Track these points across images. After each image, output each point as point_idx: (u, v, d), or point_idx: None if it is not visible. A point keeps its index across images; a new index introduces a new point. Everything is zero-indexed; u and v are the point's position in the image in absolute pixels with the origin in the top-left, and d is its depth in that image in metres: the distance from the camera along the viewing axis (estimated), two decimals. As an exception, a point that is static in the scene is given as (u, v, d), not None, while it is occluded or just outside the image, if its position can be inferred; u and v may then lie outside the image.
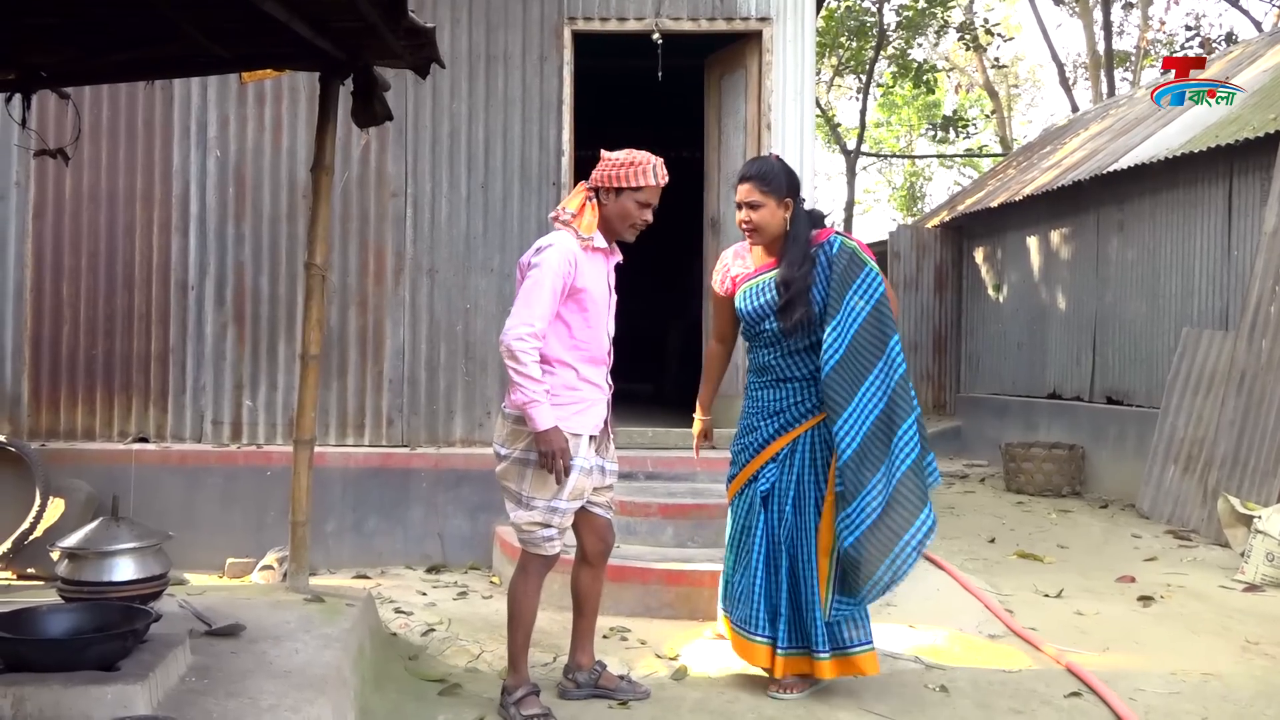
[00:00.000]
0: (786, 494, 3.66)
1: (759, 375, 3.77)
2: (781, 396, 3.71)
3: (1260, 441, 6.45)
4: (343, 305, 5.86)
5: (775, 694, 3.65)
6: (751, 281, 3.74)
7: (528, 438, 3.26)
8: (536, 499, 3.31)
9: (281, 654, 3.04)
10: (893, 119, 28.08)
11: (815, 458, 3.64)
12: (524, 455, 3.30)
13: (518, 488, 3.33)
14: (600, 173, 3.41)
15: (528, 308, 3.22)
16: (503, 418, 3.37)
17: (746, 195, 3.69)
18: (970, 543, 6.45)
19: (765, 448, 3.70)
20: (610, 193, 3.40)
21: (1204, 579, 5.50)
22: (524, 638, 3.42)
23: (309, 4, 3.17)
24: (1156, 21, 20.62)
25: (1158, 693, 3.70)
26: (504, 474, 3.37)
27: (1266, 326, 6.62)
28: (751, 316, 3.72)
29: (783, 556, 3.65)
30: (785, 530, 3.64)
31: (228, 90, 5.86)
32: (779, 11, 5.88)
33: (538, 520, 3.32)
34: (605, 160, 3.42)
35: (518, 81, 5.88)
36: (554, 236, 3.35)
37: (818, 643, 3.58)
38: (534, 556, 3.39)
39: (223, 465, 5.75)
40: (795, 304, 3.59)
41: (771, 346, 3.70)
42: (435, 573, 5.51)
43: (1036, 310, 10.38)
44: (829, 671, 3.58)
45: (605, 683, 3.59)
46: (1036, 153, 13.37)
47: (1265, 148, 7.02)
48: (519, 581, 3.42)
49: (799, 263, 3.62)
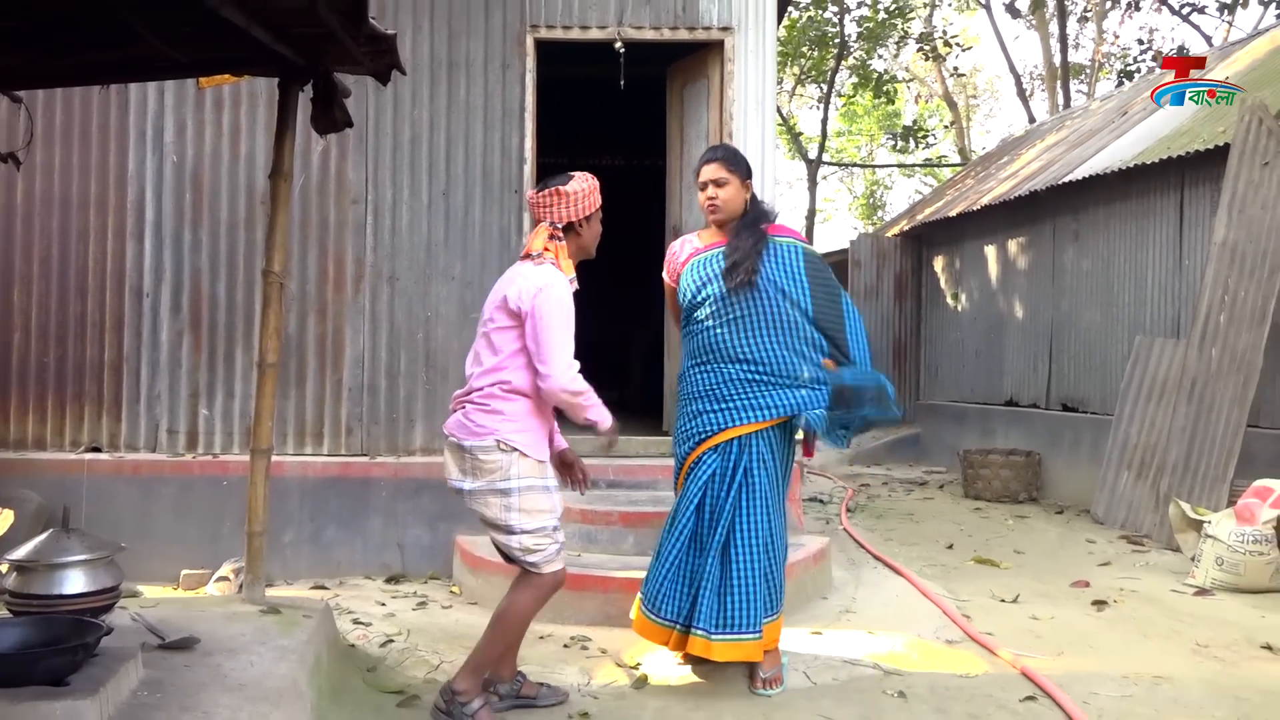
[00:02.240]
0: (725, 480, 3.72)
1: (697, 357, 3.83)
2: (724, 380, 3.75)
3: (1210, 448, 6.58)
4: (302, 313, 5.81)
5: (760, 690, 3.72)
6: (700, 256, 3.85)
7: (500, 469, 3.27)
8: (535, 523, 3.31)
9: (236, 667, 3.01)
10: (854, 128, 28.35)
11: (759, 454, 3.72)
12: (498, 485, 3.28)
13: (504, 520, 3.30)
14: (575, 206, 3.44)
15: (563, 350, 3.27)
16: (461, 451, 3.32)
17: (714, 173, 3.82)
18: (929, 549, 6.51)
19: (710, 436, 3.75)
20: (583, 222, 3.47)
21: (1156, 583, 5.60)
22: (501, 653, 3.43)
23: (268, 10, 3.14)
24: (1111, 35, 21.07)
25: (1110, 696, 3.76)
26: (483, 506, 3.33)
27: (1216, 335, 6.76)
28: (695, 284, 3.80)
29: (711, 538, 3.70)
30: (721, 514, 3.70)
31: (185, 95, 5.80)
32: (740, 21, 5.92)
33: (546, 538, 3.33)
34: (571, 194, 3.43)
35: (479, 89, 5.87)
36: (546, 274, 3.33)
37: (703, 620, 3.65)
38: (550, 576, 3.36)
39: (178, 475, 5.67)
40: (740, 264, 3.72)
41: (713, 316, 3.76)
42: (395, 583, 5.47)
43: (994, 318, 10.52)
44: (718, 654, 3.66)
45: (526, 692, 3.61)
46: (994, 163, 13.56)
47: (1215, 160, 7.17)
48: (529, 600, 3.36)
49: (750, 234, 3.79)
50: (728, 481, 3.73)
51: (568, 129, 9.13)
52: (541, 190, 3.46)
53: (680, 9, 5.90)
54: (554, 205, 3.43)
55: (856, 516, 7.73)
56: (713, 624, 3.66)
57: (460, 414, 3.37)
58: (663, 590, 3.78)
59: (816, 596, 5.03)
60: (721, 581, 3.69)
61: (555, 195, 3.42)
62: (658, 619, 3.79)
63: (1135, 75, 17.43)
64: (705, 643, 3.66)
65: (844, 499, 8.43)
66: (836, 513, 7.70)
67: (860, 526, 7.15)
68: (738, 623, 3.67)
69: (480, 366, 3.37)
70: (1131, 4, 19.02)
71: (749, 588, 3.68)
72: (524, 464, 3.30)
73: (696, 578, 3.73)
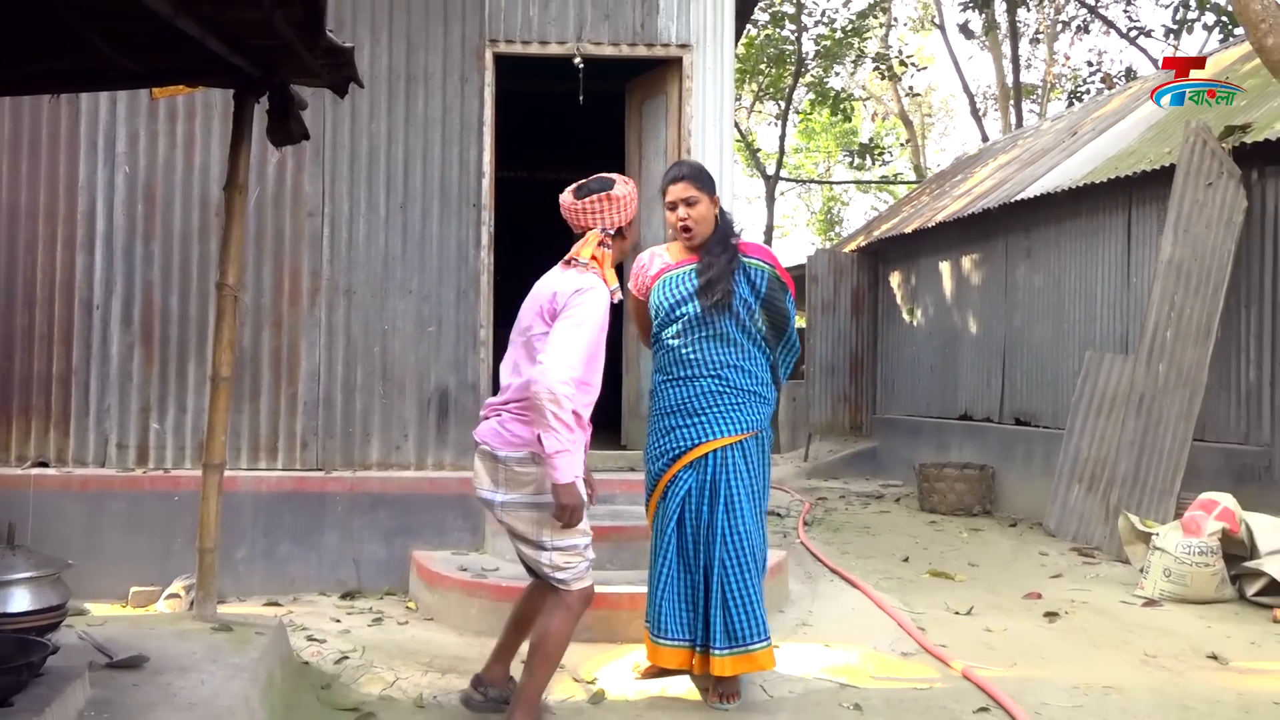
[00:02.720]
0: (703, 494, 3.74)
1: (669, 372, 3.83)
2: (696, 394, 3.76)
3: (1157, 461, 6.71)
4: (256, 326, 5.74)
5: (717, 705, 3.71)
6: (671, 273, 3.84)
7: (533, 481, 3.19)
8: (566, 539, 3.24)
9: (187, 685, 2.96)
10: (811, 145, 28.67)
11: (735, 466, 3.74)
12: (532, 499, 3.22)
13: (535, 535, 3.23)
14: (625, 210, 3.42)
15: (573, 354, 3.13)
16: (495, 460, 3.23)
17: (684, 192, 3.77)
18: (885, 562, 6.57)
19: (686, 452, 3.76)
20: (629, 225, 3.47)
21: (1106, 595, 5.69)
22: (548, 679, 3.34)
23: (224, 21, 3.12)
24: (1061, 57, 21.52)
25: (1061, 706, 3.81)
26: (514, 519, 3.24)
27: (1163, 351, 6.91)
28: (669, 302, 3.80)
29: (699, 555, 3.71)
30: (704, 528, 3.72)
31: (138, 105, 5.72)
32: (699, 38, 5.97)
33: (577, 555, 3.26)
34: (620, 199, 3.40)
35: (438, 102, 5.86)
36: (590, 280, 3.27)
37: (718, 640, 3.66)
38: (578, 594, 3.29)
39: (127, 490, 5.57)
40: (716, 284, 3.72)
41: (686, 334, 3.77)
42: (350, 599, 5.41)
43: (949, 334, 10.67)
44: (729, 668, 3.67)
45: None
46: (949, 181, 13.77)
47: (1161, 179, 7.34)
48: (562, 622, 3.26)
49: (723, 251, 3.78)
50: (707, 496, 3.74)
51: (527, 143, 9.14)
52: (585, 196, 3.39)
53: (639, 26, 5.94)
54: (605, 210, 3.38)
55: (814, 530, 7.78)
56: (724, 641, 3.68)
57: (496, 422, 3.28)
58: (664, 613, 3.76)
59: (773, 610, 5.03)
60: (722, 598, 3.69)
61: (606, 200, 3.37)
62: (668, 642, 3.76)
63: (1085, 96, 17.81)
64: (721, 660, 3.67)
65: (801, 513, 8.48)
66: (794, 526, 7.74)
67: (817, 540, 7.20)
68: (745, 634, 3.69)
69: (520, 377, 3.28)
70: (1081, 27, 19.47)
71: (748, 597, 3.71)
72: None
73: (697, 595, 3.74)
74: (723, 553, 3.71)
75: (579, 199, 3.41)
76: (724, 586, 3.69)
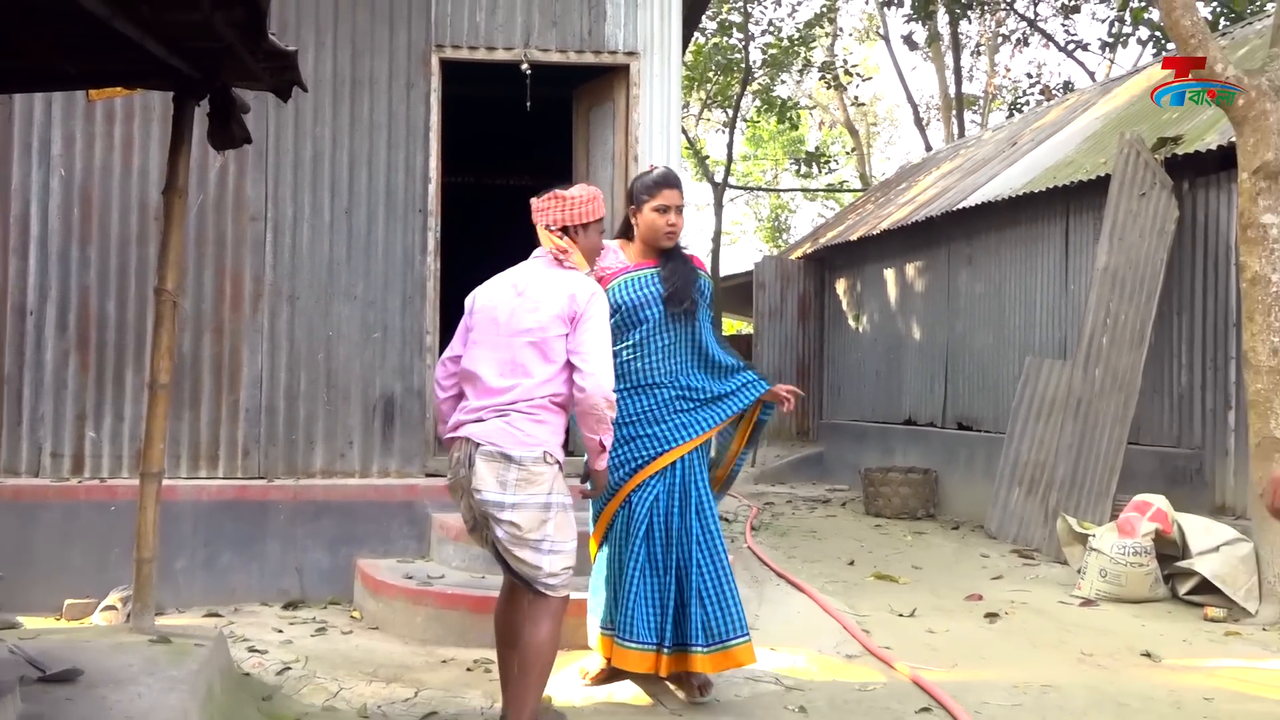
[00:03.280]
0: (672, 499, 3.79)
1: (630, 379, 3.85)
2: (659, 403, 3.83)
3: (1094, 464, 6.87)
4: (197, 332, 5.65)
5: (699, 698, 3.78)
6: (632, 274, 3.88)
7: (545, 482, 3.22)
8: (563, 543, 3.26)
9: (123, 699, 2.89)
10: (759, 153, 28.91)
11: (698, 470, 3.83)
12: (543, 500, 3.22)
13: (539, 535, 3.21)
14: (569, 211, 3.46)
15: (609, 358, 3.28)
16: (508, 461, 3.20)
17: (677, 199, 3.90)
18: (831, 565, 6.64)
19: (653, 460, 3.80)
20: (579, 229, 3.48)
21: (1045, 595, 5.81)
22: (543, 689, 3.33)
23: (162, 23, 3.07)
24: (1002, 69, 21.94)
25: (1001, 705, 3.89)
26: (519, 519, 3.20)
27: (1099, 356, 7.07)
28: (632, 305, 3.83)
29: (668, 558, 3.76)
30: (676, 532, 3.76)
31: (74, 107, 5.60)
32: (646, 46, 6.00)
33: (570, 564, 3.29)
34: (570, 198, 3.47)
35: (384, 107, 5.82)
36: (593, 282, 3.41)
37: (697, 639, 3.71)
38: (563, 599, 3.32)
39: (62, 501, 5.43)
40: (684, 291, 3.83)
41: (650, 339, 3.82)
42: (293, 609, 5.33)
43: (894, 340, 10.81)
44: (710, 666, 3.74)
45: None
46: (893, 189, 13.97)
47: (1097, 189, 7.52)
48: (552, 630, 3.26)
49: (683, 261, 3.92)
50: (677, 500, 3.79)
51: (475, 149, 9.10)
52: (542, 195, 3.51)
53: (586, 33, 5.96)
54: (550, 209, 3.47)
55: (761, 534, 7.84)
56: (704, 639, 3.73)
57: (503, 422, 3.23)
58: (635, 617, 3.74)
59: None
60: (699, 598, 3.74)
61: (554, 199, 3.47)
62: (636, 645, 3.75)
63: (1024, 107, 18.18)
64: (701, 658, 3.72)
65: (749, 517, 8.53)
66: (741, 531, 7.78)
67: (764, 544, 7.25)
68: (723, 632, 3.75)
69: (530, 378, 3.26)
70: (1021, 40, 19.87)
71: (725, 595, 3.77)
72: (560, 481, 3.28)
73: (666, 598, 3.75)
74: (698, 554, 3.77)
75: (539, 198, 3.53)
76: (700, 587, 3.75)
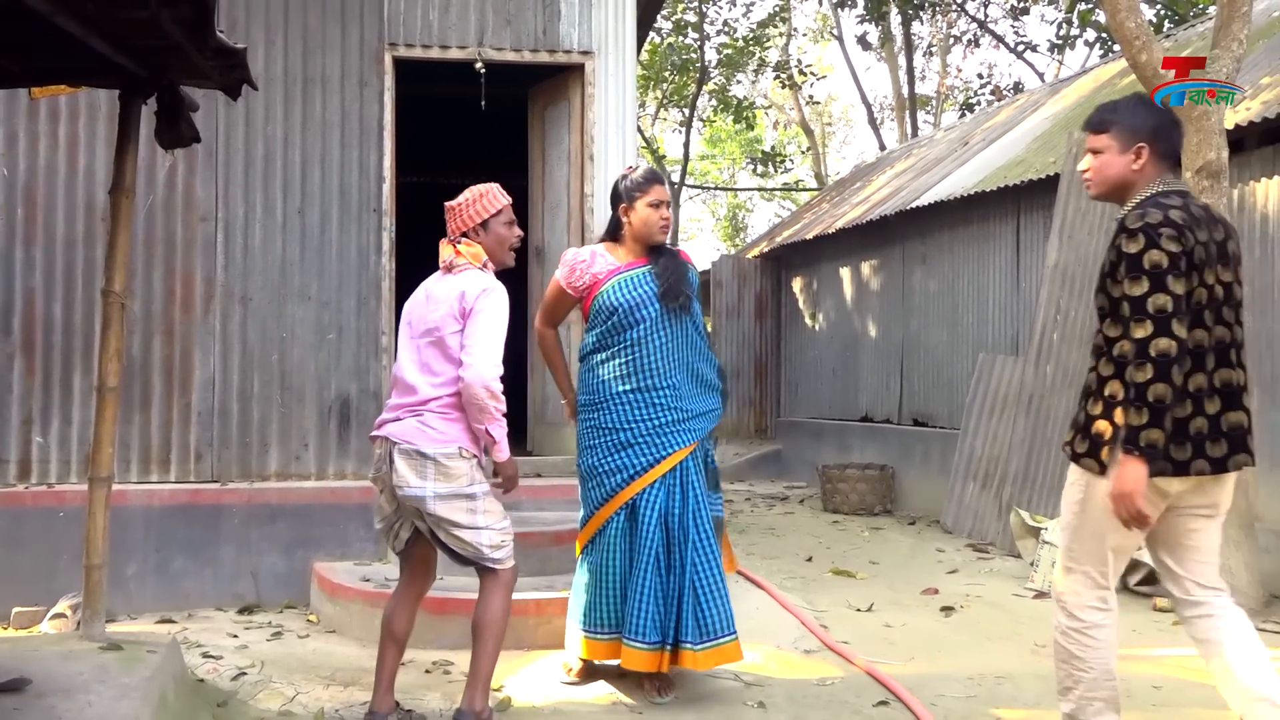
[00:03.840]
0: (672, 500, 3.82)
1: (627, 381, 3.86)
2: (656, 406, 3.85)
3: (1046, 459, 6.98)
4: (147, 334, 5.55)
5: (657, 698, 3.79)
6: (626, 274, 3.91)
7: (463, 475, 3.34)
8: (496, 520, 3.42)
9: (73, 708, 2.84)
10: (716, 152, 29.01)
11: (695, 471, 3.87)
12: (464, 490, 3.35)
13: (469, 521, 3.35)
14: (459, 219, 3.55)
15: (496, 349, 3.36)
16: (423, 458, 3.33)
17: (665, 194, 3.98)
18: (789, 562, 6.69)
19: (655, 466, 3.82)
20: (477, 230, 3.54)
21: (999, 588, 5.90)
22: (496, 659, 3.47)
23: (107, 20, 3.02)
24: (954, 69, 22.25)
25: (956, 697, 3.94)
26: (448, 511, 3.34)
27: (1050, 352, 7.19)
28: (629, 305, 3.86)
29: (670, 557, 3.79)
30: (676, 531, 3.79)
31: (17, 105, 5.48)
32: (601, 45, 6.00)
33: (507, 535, 3.44)
34: (457, 207, 3.56)
35: (336, 106, 5.76)
36: (490, 280, 3.46)
37: (689, 635, 3.74)
38: (511, 570, 3.46)
39: (8, 507, 5.32)
40: (677, 288, 3.88)
41: (649, 338, 3.85)
42: (248, 613, 5.26)
43: (850, 337, 10.91)
44: (702, 663, 3.78)
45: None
46: (848, 188, 14.10)
47: (1047, 188, 7.65)
48: (501, 600, 3.42)
49: (671, 256, 3.98)
50: (678, 500, 3.82)
51: (430, 148, 9.05)
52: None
53: (541, 32, 5.94)
54: (449, 222, 3.59)
55: (720, 532, 7.87)
56: (697, 636, 3.76)
57: (416, 421, 3.38)
58: (645, 615, 3.75)
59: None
60: (694, 595, 3.78)
61: (448, 212, 3.59)
62: (644, 645, 3.75)
63: (976, 108, 18.43)
64: (694, 655, 3.75)
65: (708, 516, 8.56)
66: (700, 529, 7.81)
67: (723, 542, 7.28)
68: (716, 628, 3.80)
69: (436, 376, 3.40)
70: (972, 41, 20.14)
71: (719, 592, 3.82)
72: (478, 470, 3.42)
73: (671, 597, 3.78)
74: (694, 554, 3.81)
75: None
76: (695, 584, 3.79)
